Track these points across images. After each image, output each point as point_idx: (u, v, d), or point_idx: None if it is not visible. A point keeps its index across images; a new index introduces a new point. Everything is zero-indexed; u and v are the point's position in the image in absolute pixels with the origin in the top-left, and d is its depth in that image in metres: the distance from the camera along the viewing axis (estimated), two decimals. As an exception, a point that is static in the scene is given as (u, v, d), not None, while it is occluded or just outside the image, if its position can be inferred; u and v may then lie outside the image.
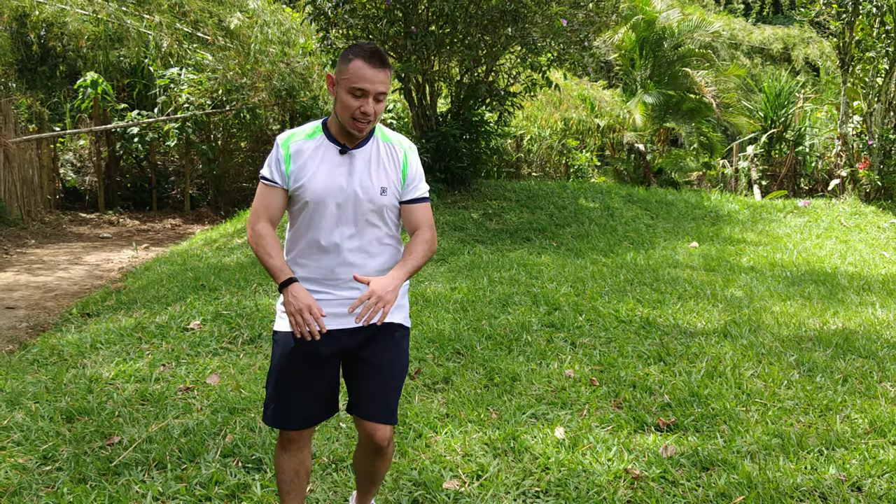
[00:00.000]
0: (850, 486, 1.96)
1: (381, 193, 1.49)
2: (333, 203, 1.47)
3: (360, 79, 1.42)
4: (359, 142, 1.51)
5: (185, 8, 7.34)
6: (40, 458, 2.11)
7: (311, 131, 1.52)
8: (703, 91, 10.26)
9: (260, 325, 3.31)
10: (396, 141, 1.55)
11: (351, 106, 1.43)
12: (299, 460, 1.57)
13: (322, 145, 1.50)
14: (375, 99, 1.43)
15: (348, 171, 1.49)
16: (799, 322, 3.49)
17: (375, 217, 1.50)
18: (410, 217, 1.54)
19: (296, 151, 1.49)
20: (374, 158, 1.51)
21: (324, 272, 1.50)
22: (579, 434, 2.24)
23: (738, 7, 17.34)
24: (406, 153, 1.54)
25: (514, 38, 5.81)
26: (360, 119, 1.44)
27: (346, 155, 1.49)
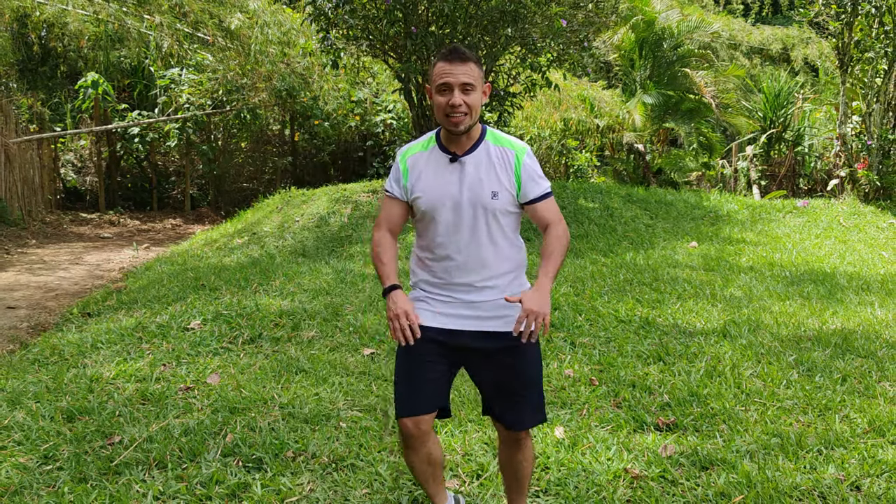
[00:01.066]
0: (848, 486, 1.96)
1: (493, 198, 1.52)
2: (446, 210, 1.52)
3: (441, 75, 1.48)
4: (468, 148, 1.54)
5: (186, 8, 7.35)
6: (41, 458, 2.12)
7: (426, 142, 1.58)
8: (702, 91, 10.27)
9: (260, 325, 3.31)
10: (509, 143, 1.57)
11: (441, 103, 1.48)
12: (427, 452, 1.60)
13: (434, 155, 1.56)
14: (462, 91, 1.47)
15: (459, 178, 1.53)
16: (798, 322, 3.49)
17: (490, 221, 1.53)
18: (538, 216, 1.56)
19: (412, 164, 1.56)
20: (485, 163, 1.53)
21: (444, 276, 1.55)
22: (579, 433, 2.25)
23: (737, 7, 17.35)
24: (518, 154, 1.55)
25: (514, 38, 5.82)
26: (452, 113, 1.47)
27: (457, 162, 1.53)
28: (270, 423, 2.31)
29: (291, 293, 3.90)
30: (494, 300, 1.54)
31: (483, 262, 1.53)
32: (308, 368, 2.81)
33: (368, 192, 6.98)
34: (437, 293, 1.56)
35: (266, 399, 2.50)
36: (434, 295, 1.55)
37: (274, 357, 2.95)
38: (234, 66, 7.94)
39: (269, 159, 10.00)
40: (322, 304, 3.67)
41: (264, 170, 9.98)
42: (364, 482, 2.00)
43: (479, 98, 1.50)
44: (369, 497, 1.93)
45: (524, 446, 1.62)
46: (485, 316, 1.54)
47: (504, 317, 1.55)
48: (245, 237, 6.13)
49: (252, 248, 5.63)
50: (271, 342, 3.15)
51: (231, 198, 9.46)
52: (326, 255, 5.29)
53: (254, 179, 9.91)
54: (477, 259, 1.53)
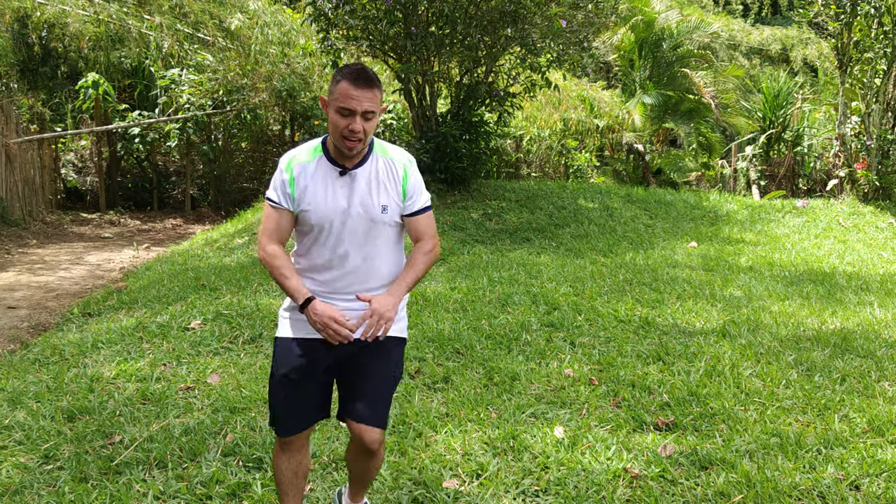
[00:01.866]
0: (848, 486, 1.97)
1: (382, 212, 1.52)
2: (337, 224, 1.51)
3: (346, 98, 1.44)
4: (358, 161, 1.53)
5: (186, 9, 7.36)
6: (42, 458, 2.12)
7: (311, 152, 1.54)
8: (701, 92, 10.28)
9: (261, 325, 3.32)
10: (395, 156, 1.57)
11: (339, 125, 1.46)
12: (297, 461, 1.61)
13: (322, 167, 1.53)
14: (364, 117, 1.45)
15: (349, 192, 1.51)
16: (797, 322, 3.50)
17: (378, 234, 1.54)
18: (412, 228, 1.57)
19: (299, 174, 1.52)
20: (374, 177, 1.53)
21: (328, 286, 1.55)
22: (578, 433, 2.25)
23: (736, 8, 17.36)
24: (405, 168, 1.56)
25: (514, 38, 5.83)
26: (349, 137, 1.46)
27: (347, 176, 1.52)
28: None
29: (291, 293, 3.89)
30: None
31: (368, 272, 1.54)
32: (308, 368, 2.81)
33: (368, 193, 6.97)
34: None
35: (266, 398, 2.50)
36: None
37: (274, 357, 2.95)
38: (234, 66, 7.94)
39: (269, 159, 10.00)
40: (322, 304, 3.67)
41: (265, 170, 9.98)
42: (364, 482, 2.00)
43: (376, 122, 1.49)
44: (369, 497, 1.94)
45: (375, 456, 1.60)
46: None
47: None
48: (245, 237, 6.13)
49: (252, 248, 5.64)
50: (271, 342, 3.15)
51: (231, 198, 9.47)
52: (326, 256, 5.28)
53: (254, 179, 9.91)
54: (363, 270, 1.53)
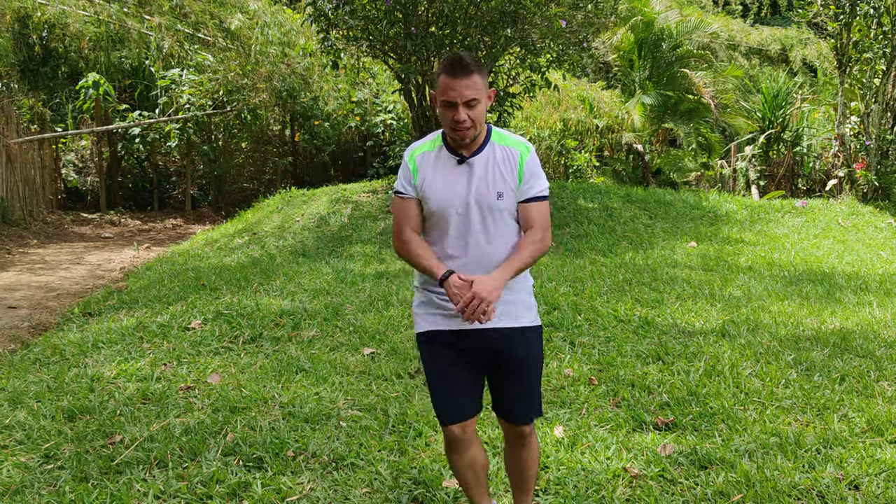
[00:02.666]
0: (847, 485, 1.97)
1: (498, 198, 1.54)
2: (455, 211, 1.54)
3: (446, 90, 1.48)
4: (475, 149, 1.55)
5: (186, 9, 7.36)
6: (42, 457, 2.12)
7: (432, 142, 1.59)
8: (701, 92, 10.29)
9: (261, 325, 3.32)
10: (514, 142, 1.59)
11: (446, 117, 1.50)
12: (471, 456, 1.62)
13: (441, 156, 1.57)
14: (467, 105, 1.47)
15: (467, 179, 1.54)
16: (797, 321, 3.50)
17: (497, 220, 1.55)
18: (524, 215, 1.58)
19: (420, 163, 1.57)
20: (492, 164, 1.55)
21: None
22: (578, 433, 2.26)
23: (735, 8, 17.36)
24: (522, 153, 1.57)
25: (514, 39, 5.83)
26: (457, 128, 1.49)
27: (465, 164, 1.55)
28: (271, 423, 2.32)
29: (292, 293, 3.90)
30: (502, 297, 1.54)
31: (491, 260, 1.55)
32: (308, 368, 2.81)
33: (368, 193, 6.99)
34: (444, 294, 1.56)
35: (266, 398, 2.51)
36: (443, 296, 1.56)
37: (274, 357, 2.96)
38: (234, 66, 7.94)
39: (269, 160, 10.01)
40: (322, 303, 3.68)
41: (265, 170, 9.99)
42: (364, 481, 2.01)
43: (484, 108, 1.51)
44: (369, 496, 1.94)
45: (528, 444, 1.64)
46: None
47: (508, 312, 1.57)
48: (245, 237, 6.13)
49: (252, 248, 5.64)
50: (272, 342, 3.16)
51: (231, 198, 9.47)
52: (327, 255, 5.30)
53: (254, 180, 9.92)
54: (485, 257, 1.55)
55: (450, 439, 1.60)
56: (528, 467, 1.67)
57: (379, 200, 6.67)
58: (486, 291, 1.45)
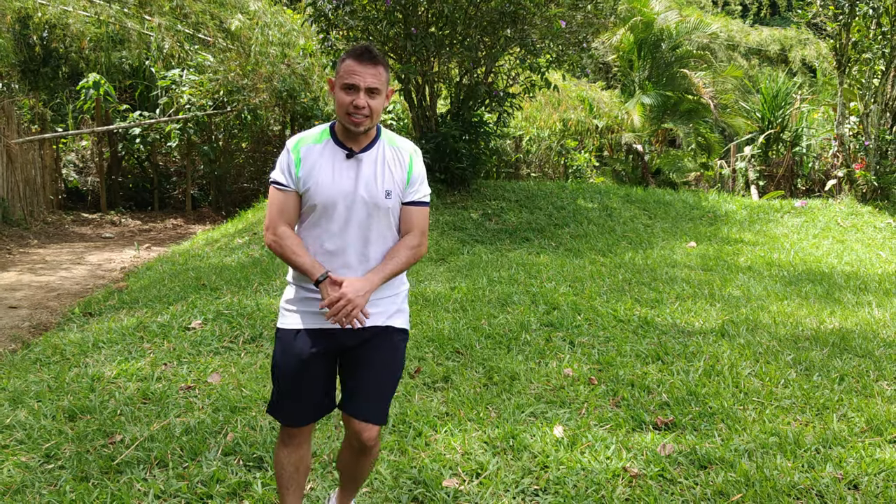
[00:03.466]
0: (846, 485, 1.97)
1: (386, 197, 1.52)
2: (340, 206, 1.50)
3: (350, 74, 1.45)
4: (365, 145, 1.53)
5: (186, 10, 7.37)
6: (43, 457, 2.13)
7: (319, 135, 1.54)
8: (700, 92, 10.30)
9: (261, 325, 3.32)
10: (402, 145, 1.58)
11: (344, 101, 1.47)
12: (299, 456, 1.60)
13: (329, 149, 1.53)
14: (368, 94, 1.46)
15: (355, 174, 1.51)
16: (796, 321, 3.50)
17: (381, 220, 1.53)
18: (406, 218, 1.56)
19: (305, 155, 1.51)
20: (381, 162, 1.53)
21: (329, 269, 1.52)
22: (578, 432, 2.26)
23: (735, 9, 17.37)
24: (412, 156, 1.56)
25: (513, 39, 5.84)
26: (354, 113, 1.46)
27: (353, 159, 1.52)
28: (271, 422, 2.32)
29: (292, 293, 3.90)
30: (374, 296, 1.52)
31: (370, 258, 1.53)
32: (308, 368, 2.82)
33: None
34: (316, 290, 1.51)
35: (267, 398, 2.51)
36: (314, 293, 1.52)
37: (274, 357, 2.96)
38: (234, 66, 7.95)
39: (269, 160, 10.01)
40: (322, 304, 3.68)
41: (265, 170, 9.98)
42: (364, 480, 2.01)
43: (383, 102, 1.49)
44: (369, 496, 1.95)
45: (369, 454, 1.58)
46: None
47: (378, 314, 1.54)
48: (246, 237, 6.14)
49: (253, 247, 5.65)
50: (272, 341, 3.16)
51: (232, 198, 9.48)
52: (326, 256, 5.29)
53: (255, 180, 9.92)
54: (365, 255, 1.52)
55: (288, 434, 1.57)
56: (364, 472, 1.64)
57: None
58: (354, 293, 1.43)
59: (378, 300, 1.54)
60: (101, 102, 8.76)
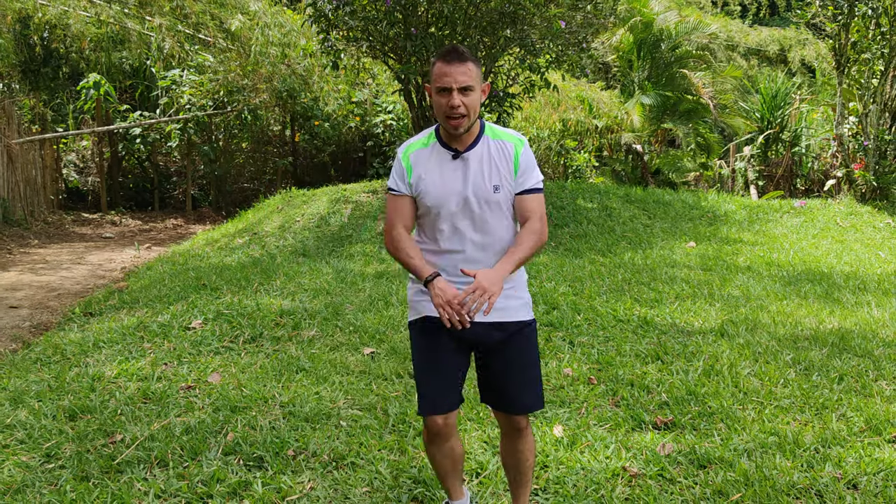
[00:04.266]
0: (846, 484, 1.98)
1: (495, 192, 1.55)
2: (452, 206, 1.54)
3: (440, 77, 1.49)
4: (469, 144, 1.56)
5: (187, 10, 7.38)
6: (43, 456, 2.13)
7: (426, 139, 1.60)
8: (700, 92, 10.31)
9: (261, 325, 3.33)
10: (507, 136, 1.60)
11: (441, 104, 1.50)
12: (450, 447, 1.64)
13: (436, 151, 1.57)
14: (461, 92, 1.48)
15: (463, 174, 1.55)
16: (795, 321, 3.51)
17: (494, 214, 1.56)
18: (521, 207, 1.58)
19: (415, 160, 1.57)
20: (487, 158, 1.56)
21: (450, 269, 1.57)
22: (577, 432, 2.26)
23: (734, 9, 17.38)
24: (517, 146, 1.58)
25: (513, 39, 5.85)
26: (452, 115, 1.50)
27: (460, 159, 1.56)
28: (271, 422, 2.32)
29: (292, 293, 3.91)
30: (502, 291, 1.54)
31: (488, 253, 1.56)
32: (308, 367, 2.82)
33: (368, 193, 7.00)
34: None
35: (267, 398, 2.52)
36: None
37: (275, 356, 2.96)
38: (235, 67, 7.96)
39: (269, 160, 10.02)
40: (322, 303, 3.69)
41: (265, 170, 10.00)
42: (364, 480, 2.01)
43: (478, 98, 1.52)
44: (369, 495, 1.95)
45: (526, 436, 1.65)
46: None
47: (506, 308, 1.57)
48: (246, 237, 6.14)
49: (253, 247, 5.65)
50: (272, 341, 3.16)
51: (232, 198, 9.48)
52: (327, 255, 5.31)
53: (255, 180, 9.93)
54: (482, 250, 1.56)
55: (432, 431, 1.60)
56: (525, 459, 1.68)
57: (379, 200, 6.68)
58: (489, 283, 1.45)
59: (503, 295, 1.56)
60: (102, 103, 8.77)
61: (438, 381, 1.58)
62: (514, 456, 1.68)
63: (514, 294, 1.59)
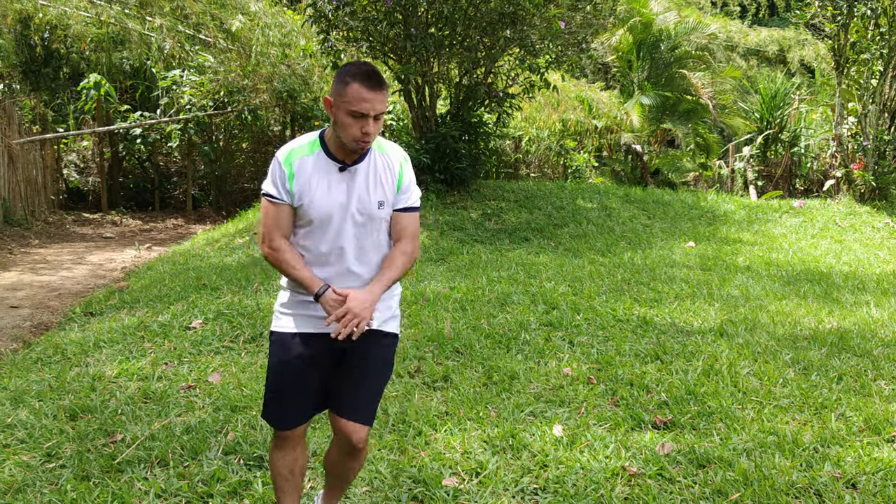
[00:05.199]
0: (844, 484, 1.98)
1: (379, 207, 1.54)
2: (335, 219, 1.52)
3: (359, 101, 1.43)
4: (357, 157, 1.53)
5: (187, 11, 7.38)
6: (44, 456, 2.13)
7: (309, 146, 1.54)
8: (699, 93, 10.32)
9: (261, 324, 3.33)
10: (391, 151, 1.58)
11: (352, 127, 1.46)
12: (293, 458, 1.61)
13: (321, 161, 1.53)
14: (374, 119, 1.46)
15: (347, 187, 1.52)
16: (794, 321, 3.51)
17: (374, 229, 1.55)
18: (397, 224, 1.57)
19: (298, 169, 1.51)
20: (372, 173, 1.54)
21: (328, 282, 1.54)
22: (577, 432, 2.27)
23: (734, 10, 17.39)
24: (401, 164, 1.57)
25: (513, 40, 5.85)
26: (363, 140, 1.47)
27: (346, 172, 1.53)
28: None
29: (292, 293, 3.91)
30: None
31: (366, 267, 1.55)
32: (309, 367, 2.83)
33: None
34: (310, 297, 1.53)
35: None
36: (309, 297, 1.53)
37: (275, 356, 2.97)
38: (235, 67, 7.96)
39: (269, 160, 10.00)
40: (322, 304, 3.69)
41: (265, 170, 9.96)
42: (364, 480, 2.02)
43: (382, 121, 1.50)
44: (369, 495, 1.95)
45: (361, 455, 1.59)
46: None
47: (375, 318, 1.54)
48: (246, 237, 6.15)
49: (253, 247, 5.65)
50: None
51: (232, 198, 9.49)
52: (326, 256, 5.30)
53: (255, 180, 9.93)
54: (360, 264, 1.54)
55: (281, 437, 1.59)
56: (352, 473, 1.65)
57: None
58: (360, 307, 1.45)
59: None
60: (102, 103, 8.77)
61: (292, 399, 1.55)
62: (342, 470, 1.63)
63: (384, 306, 1.57)
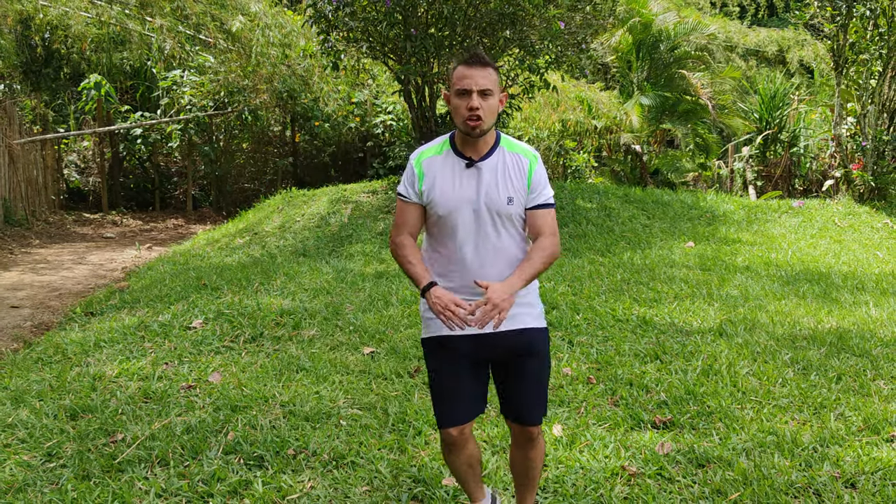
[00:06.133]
0: (844, 483, 1.99)
1: (508, 203, 1.55)
2: (464, 215, 1.54)
3: (461, 79, 1.50)
4: (485, 153, 1.56)
5: (187, 11, 7.39)
6: (44, 456, 2.14)
7: (440, 146, 1.60)
8: (699, 93, 10.32)
9: (261, 324, 3.34)
10: (522, 150, 1.60)
11: (459, 107, 1.51)
12: (467, 455, 1.66)
13: (449, 159, 1.57)
14: (481, 96, 1.49)
15: (476, 183, 1.55)
16: (794, 321, 3.52)
17: (505, 225, 1.56)
18: (533, 223, 1.59)
19: (427, 167, 1.57)
20: (501, 169, 1.56)
21: (461, 281, 1.57)
22: (577, 431, 2.27)
23: (733, 10, 17.40)
24: (531, 161, 1.59)
25: (513, 40, 5.86)
26: (470, 117, 1.50)
27: (474, 168, 1.56)
28: (271, 421, 2.33)
29: (292, 292, 3.92)
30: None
31: (498, 264, 1.56)
32: (308, 367, 2.83)
33: (368, 193, 7.01)
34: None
35: (267, 397, 2.53)
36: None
37: (275, 356, 2.97)
38: (235, 67, 7.97)
39: (270, 160, 10.03)
40: (322, 303, 3.70)
41: (265, 170, 10.02)
42: (364, 479, 2.02)
43: (496, 105, 1.53)
44: (369, 494, 1.96)
45: (537, 444, 1.66)
46: None
47: (515, 315, 1.57)
48: (246, 237, 6.16)
49: (253, 247, 5.66)
50: (272, 341, 3.17)
51: (232, 198, 9.50)
52: (327, 255, 5.32)
53: (255, 180, 9.95)
54: (492, 262, 1.56)
55: (448, 441, 1.62)
56: (535, 466, 1.70)
57: (379, 200, 6.69)
58: (499, 298, 1.45)
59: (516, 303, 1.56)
60: (103, 103, 8.78)
61: (452, 401, 1.60)
62: (524, 462, 1.69)
63: (526, 302, 1.59)
